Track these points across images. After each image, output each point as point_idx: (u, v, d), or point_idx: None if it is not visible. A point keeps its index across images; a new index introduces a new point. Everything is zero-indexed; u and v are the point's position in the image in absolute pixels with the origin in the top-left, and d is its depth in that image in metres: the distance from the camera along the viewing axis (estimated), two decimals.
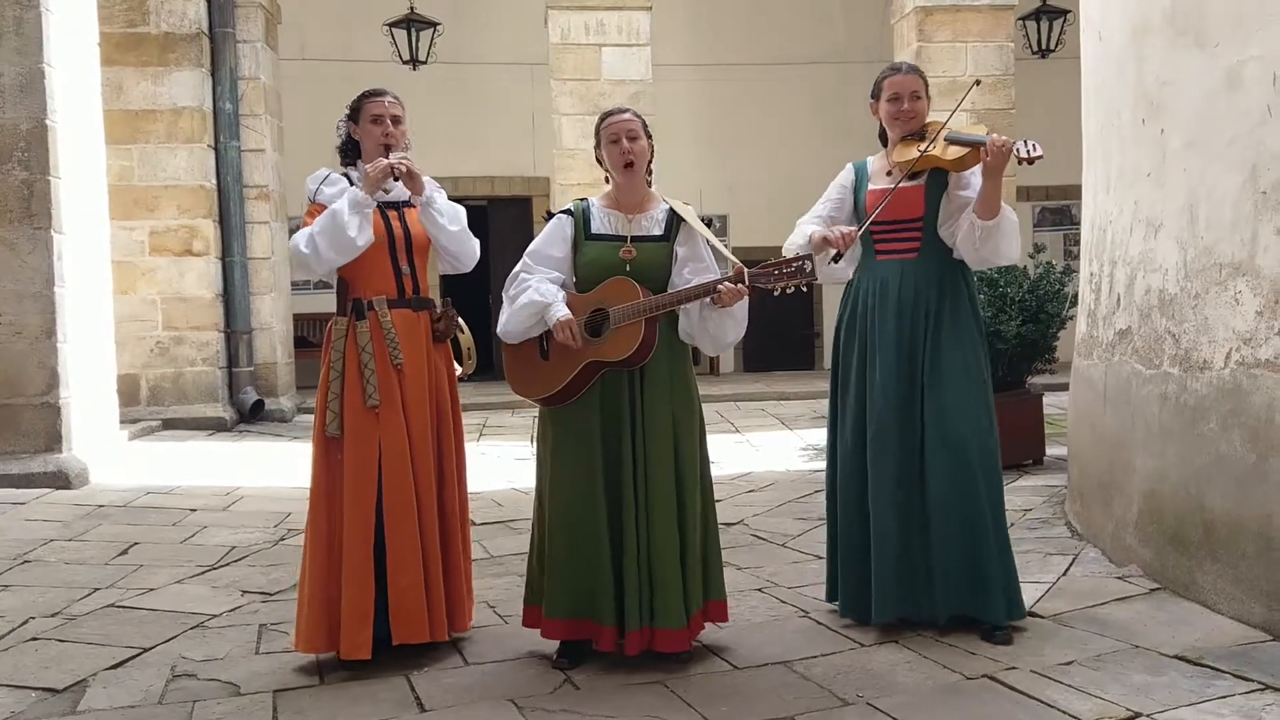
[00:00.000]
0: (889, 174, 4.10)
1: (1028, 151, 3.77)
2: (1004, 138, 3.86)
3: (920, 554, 3.98)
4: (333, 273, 3.95)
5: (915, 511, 3.98)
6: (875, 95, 4.18)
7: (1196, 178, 4.18)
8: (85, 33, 8.29)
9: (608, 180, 3.96)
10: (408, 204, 4.03)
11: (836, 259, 3.96)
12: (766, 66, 15.47)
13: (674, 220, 3.87)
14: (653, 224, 3.87)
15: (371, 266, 3.91)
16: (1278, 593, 3.70)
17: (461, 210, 4.11)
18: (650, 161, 3.92)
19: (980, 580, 3.91)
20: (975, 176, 4.04)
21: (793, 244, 4.08)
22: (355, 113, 4.05)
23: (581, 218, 3.91)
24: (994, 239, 3.93)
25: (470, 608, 4.13)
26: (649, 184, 3.95)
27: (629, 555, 3.69)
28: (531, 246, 3.94)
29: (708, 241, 3.84)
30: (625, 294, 3.72)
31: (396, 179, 3.91)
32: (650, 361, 3.73)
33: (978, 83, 4.94)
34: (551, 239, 3.90)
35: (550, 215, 3.98)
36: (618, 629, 3.72)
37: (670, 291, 3.75)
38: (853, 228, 3.98)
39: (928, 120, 4.12)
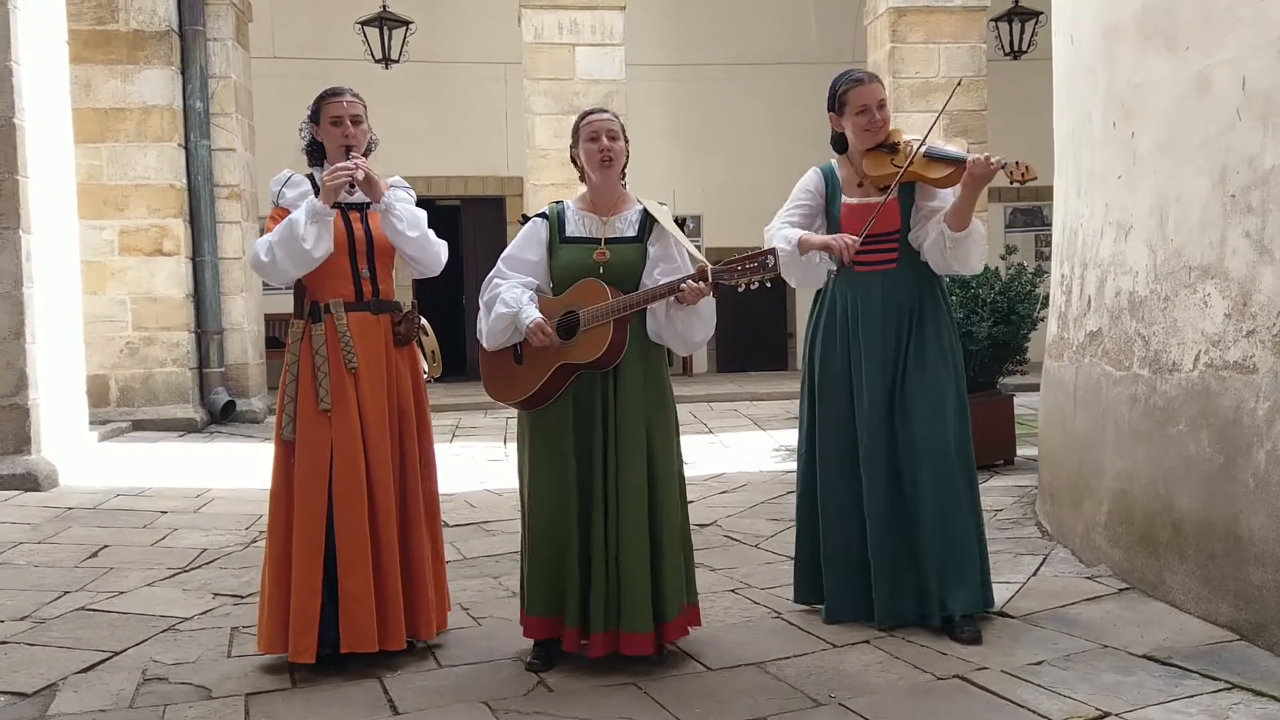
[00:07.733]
0: (860, 185, 4.11)
1: (1021, 173, 3.76)
2: (995, 157, 3.86)
3: (908, 556, 4.03)
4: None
5: (902, 515, 4.02)
6: (835, 108, 4.14)
7: (1166, 181, 4.22)
8: (54, 30, 8.21)
9: (583, 179, 3.94)
10: (370, 205, 3.97)
11: (839, 269, 3.98)
12: (740, 66, 15.49)
13: (647, 221, 3.86)
14: (627, 225, 3.85)
15: (329, 269, 3.86)
16: (1245, 592, 3.73)
17: (422, 215, 4.01)
18: (625, 165, 3.91)
19: (961, 577, 3.95)
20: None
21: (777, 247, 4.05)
22: (315, 114, 3.98)
23: (556, 221, 3.89)
24: (963, 249, 3.99)
25: (443, 614, 4.08)
26: (623, 186, 3.95)
27: (596, 557, 3.69)
28: (506, 251, 3.93)
29: (679, 243, 3.84)
30: (595, 295, 3.71)
31: (353, 188, 3.84)
32: (624, 364, 3.73)
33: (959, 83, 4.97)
34: (527, 243, 3.90)
35: (526, 219, 3.97)
36: (581, 629, 3.73)
37: (636, 292, 3.73)
38: (853, 236, 3.96)
39: (891, 128, 4.13)
